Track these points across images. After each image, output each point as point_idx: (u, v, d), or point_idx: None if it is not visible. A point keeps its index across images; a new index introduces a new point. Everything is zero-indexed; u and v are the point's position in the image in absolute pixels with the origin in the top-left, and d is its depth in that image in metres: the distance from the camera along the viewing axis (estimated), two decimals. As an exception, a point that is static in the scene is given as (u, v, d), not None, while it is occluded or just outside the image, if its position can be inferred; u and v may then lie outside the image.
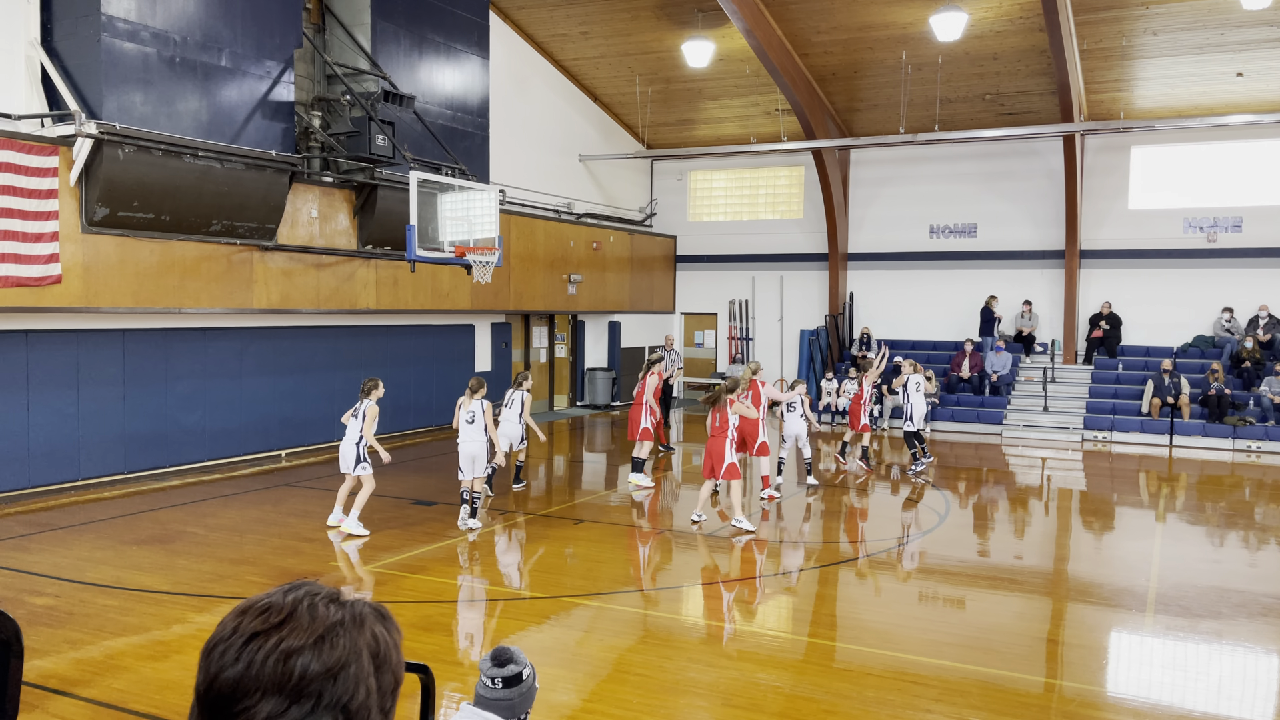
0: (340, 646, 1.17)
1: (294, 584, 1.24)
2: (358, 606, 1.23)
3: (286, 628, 1.16)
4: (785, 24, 18.42)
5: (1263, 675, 6.86)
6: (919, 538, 10.68)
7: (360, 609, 1.23)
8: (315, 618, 1.18)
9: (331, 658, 1.16)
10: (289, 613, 1.18)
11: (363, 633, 1.20)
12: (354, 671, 1.17)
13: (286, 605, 1.19)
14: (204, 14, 12.24)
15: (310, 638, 1.16)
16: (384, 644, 1.23)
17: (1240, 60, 17.56)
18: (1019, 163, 21.37)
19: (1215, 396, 17.92)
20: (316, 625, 1.17)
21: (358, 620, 1.21)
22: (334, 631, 1.18)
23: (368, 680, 1.18)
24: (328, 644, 1.16)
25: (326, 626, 1.18)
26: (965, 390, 20.54)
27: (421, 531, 10.43)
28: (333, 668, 1.15)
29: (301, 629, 1.16)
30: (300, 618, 1.17)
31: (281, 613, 1.18)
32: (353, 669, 1.17)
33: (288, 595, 1.21)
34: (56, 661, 6.48)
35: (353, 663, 1.17)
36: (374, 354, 16.79)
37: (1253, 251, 19.51)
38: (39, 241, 10.87)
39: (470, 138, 16.76)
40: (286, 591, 1.22)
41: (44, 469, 12.13)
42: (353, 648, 1.18)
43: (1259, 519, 12.24)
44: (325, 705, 1.14)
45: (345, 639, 1.18)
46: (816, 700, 6.02)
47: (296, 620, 1.17)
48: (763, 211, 24.39)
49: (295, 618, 1.17)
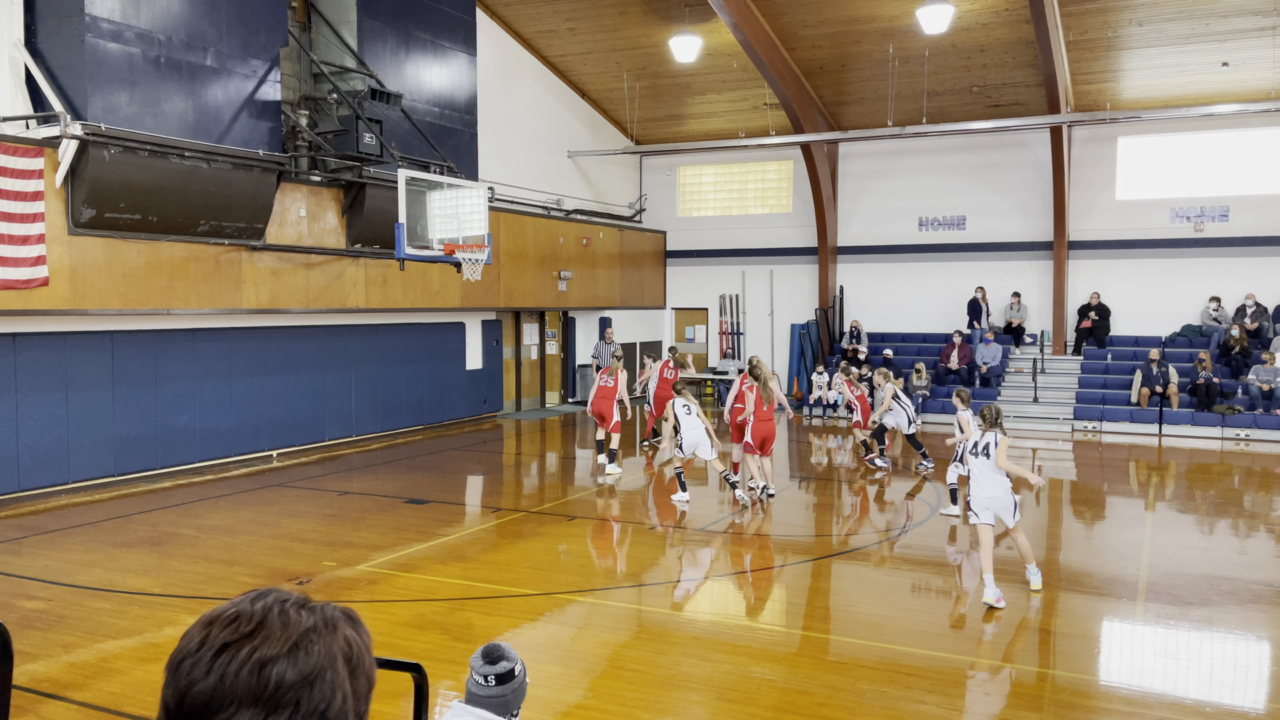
0: (315, 653, 1.14)
1: (260, 591, 1.20)
2: (328, 611, 1.21)
3: (259, 636, 1.13)
4: (772, 18, 18.42)
5: (1253, 662, 6.91)
6: (911, 528, 10.72)
7: (331, 613, 1.21)
8: (288, 625, 1.15)
9: (307, 665, 1.13)
10: (260, 621, 1.14)
11: (336, 638, 1.18)
12: (329, 678, 1.14)
13: (256, 614, 1.15)
14: (189, 13, 12.18)
15: (284, 646, 1.13)
16: (356, 647, 1.20)
17: (1225, 50, 17.62)
18: (1007, 154, 21.42)
19: (1204, 385, 18.00)
20: (290, 632, 1.14)
21: (330, 625, 1.19)
22: (308, 638, 1.15)
23: (343, 685, 1.16)
24: (302, 651, 1.13)
25: (300, 633, 1.15)
26: (955, 382, 20.56)
27: (414, 530, 10.42)
28: (309, 675, 1.13)
29: (275, 637, 1.13)
30: (272, 626, 1.14)
31: (252, 621, 1.14)
32: (328, 675, 1.14)
33: (256, 603, 1.17)
34: (48, 665, 6.46)
35: (328, 668, 1.15)
36: (364, 353, 16.75)
37: (1240, 241, 19.61)
38: (25, 244, 10.81)
39: (458, 135, 16.73)
40: (254, 599, 1.18)
41: (33, 472, 12.07)
42: (327, 653, 1.15)
43: (1248, 507, 12.31)
44: (303, 713, 1.11)
45: (319, 645, 1.15)
46: (811, 693, 6.04)
47: (268, 628, 1.14)
48: (752, 206, 24.40)
49: (267, 626, 1.14)
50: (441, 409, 18.52)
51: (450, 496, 12.59)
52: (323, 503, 11.83)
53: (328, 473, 13.93)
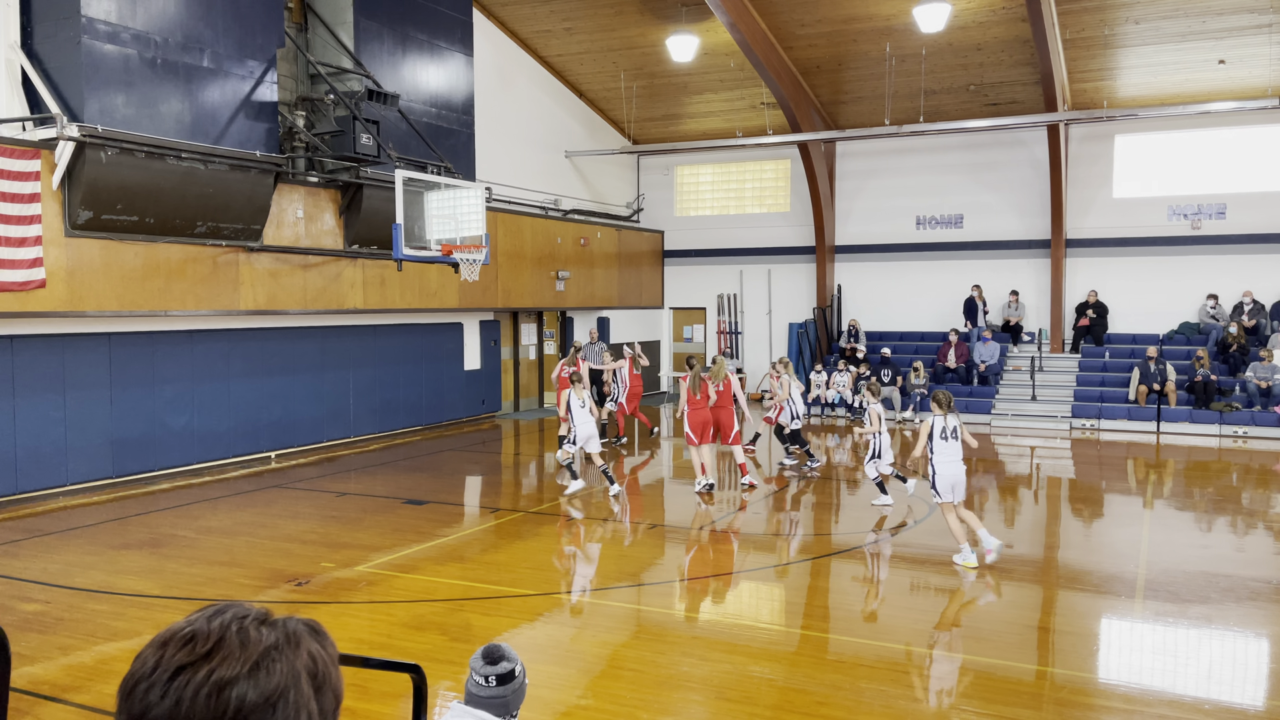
0: (277, 672, 1.08)
1: (218, 607, 1.14)
2: (290, 625, 1.15)
3: (216, 657, 1.06)
4: (769, 17, 18.42)
5: (1252, 659, 6.91)
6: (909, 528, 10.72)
7: (293, 627, 1.15)
8: (246, 643, 1.08)
9: (269, 685, 1.06)
10: (217, 640, 1.08)
11: (299, 654, 1.11)
12: (293, 698, 1.08)
13: (213, 632, 1.09)
14: (185, 15, 12.17)
15: (244, 666, 1.06)
16: (321, 663, 1.14)
17: (1222, 48, 17.64)
18: (1004, 153, 21.43)
19: (1201, 383, 18.01)
20: (249, 652, 1.07)
21: (292, 641, 1.12)
22: (269, 657, 1.08)
23: (308, 705, 1.10)
24: (263, 671, 1.07)
25: (260, 652, 1.08)
26: (953, 380, 20.60)
27: (413, 531, 10.42)
28: (271, 696, 1.06)
29: (233, 657, 1.07)
30: (230, 645, 1.08)
31: (209, 641, 1.08)
32: (291, 695, 1.08)
33: (213, 621, 1.11)
34: (47, 667, 6.45)
35: (291, 688, 1.08)
36: (362, 354, 16.74)
37: (1237, 238, 19.63)
38: (22, 246, 10.80)
39: (455, 135, 16.72)
40: (210, 617, 1.12)
41: (31, 474, 12.06)
42: (290, 672, 1.09)
43: (1246, 504, 12.32)
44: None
45: (282, 663, 1.09)
46: (810, 692, 6.04)
47: (226, 648, 1.07)
48: (749, 205, 24.40)
49: (224, 645, 1.07)
50: (440, 409, 18.51)
51: (449, 497, 12.58)
52: (321, 504, 11.82)
53: (326, 474, 13.92)
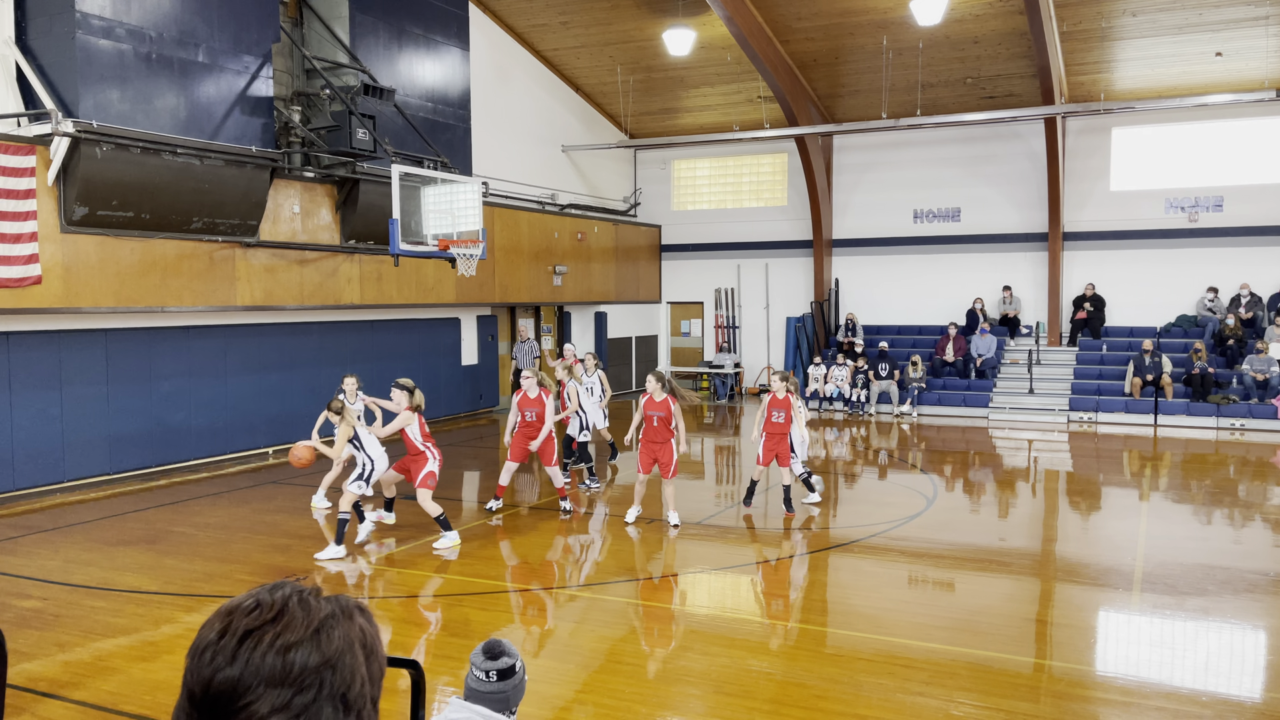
0: (335, 638, 1.19)
1: (276, 584, 1.25)
2: (343, 600, 1.25)
3: (281, 623, 1.17)
4: (766, 10, 18.38)
5: (1249, 651, 6.93)
6: (906, 521, 10.72)
7: (346, 602, 1.26)
8: (308, 611, 1.19)
9: (329, 649, 1.18)
10: (280, 609, 1.19)
11: (352, 624, 1.23)
12: (349, 661, 1.19)
13: (276, 602, 1.20)
14: (180, 9, 12.13)
15: (306, 631, 1.17)
16: (370, 635, 1.25)
17: (1219, 40, 17.63)
18: (1001, 146, 21.42)
19: (1199, 375, 18.03)
20: (311, 618, 1.19)
21: (346, 612, 1.23)
22: (328, 624, 1.19)
23: (360, 669, 1.21)
24: (324, 636, 1.18)
25: (320, 619, 1.19)
26: (951, 374, 20.62)
27: (411, 526, 10.41)
28: (331, 658, 1.17)
29: (297, 623, 1.18)
30: (293, 613, 1.19)
31: (273, 609, 1.19)
32: (348, 659, 1.19)
33: (274, 593, 1.22)
34: (45, 664, 6.45)
35: (347, 653, 1.19)
36: (359, 349, 16.72)
37: (1234, 230, 19.63)
38: (18, 242, 10.77)
39: (452, 130, 16.68)
40: (272, 590, 1.23)
41: (28, 471, 12.05)
42: (346, 639, 1.20)
43: (1243, 496, 12.34)
44: (326, 695, 1.16)
45: (339, 630, 1.20)
46: (808, 686, 6.05)
47: (290, 615, 1.18)
48: (747, 199, 24.38)
49: (288, 613, 1.19)
50: (437, 405, 18.48)
51: (446, 492, 12.57)
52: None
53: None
